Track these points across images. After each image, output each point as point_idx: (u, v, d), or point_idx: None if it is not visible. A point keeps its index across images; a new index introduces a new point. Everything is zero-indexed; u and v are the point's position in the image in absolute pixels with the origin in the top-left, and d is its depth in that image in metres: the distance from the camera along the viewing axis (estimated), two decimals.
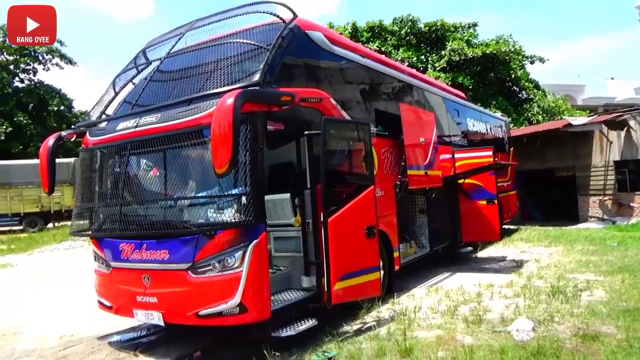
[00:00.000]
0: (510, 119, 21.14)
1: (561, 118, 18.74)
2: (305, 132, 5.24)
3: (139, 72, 6.22)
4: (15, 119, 27.50)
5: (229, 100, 4.10)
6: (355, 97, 6.75)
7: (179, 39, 5.88)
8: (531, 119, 22.44)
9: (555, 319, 5.33)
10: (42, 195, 21.58)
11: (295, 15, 5.42)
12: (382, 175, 6.92)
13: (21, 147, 27.12)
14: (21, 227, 22.24)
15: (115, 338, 5.79)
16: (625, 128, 14.67)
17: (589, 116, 16.69)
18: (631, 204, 14.68)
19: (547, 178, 18.53)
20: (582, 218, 15.82)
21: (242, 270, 4.37)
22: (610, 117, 14.58)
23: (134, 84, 6.17)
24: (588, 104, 36.65)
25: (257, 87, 4.60)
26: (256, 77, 4.65)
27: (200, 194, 4.73)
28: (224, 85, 4.67)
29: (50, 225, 22.73)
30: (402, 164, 7.22)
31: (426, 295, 6.90)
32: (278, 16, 5.31)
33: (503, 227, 13.74)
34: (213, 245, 4.46)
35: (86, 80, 78.67)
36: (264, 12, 5.35)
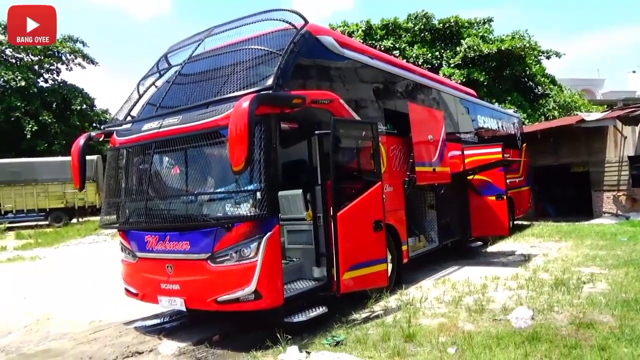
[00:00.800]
0: (525, 115, 21.18)
1: (576, 114, 18.68)
2: (316, 132, 5.58)
3: (161, 76, 6.63)
4: (40, 117, 28.45)
5: (245, 103, 4.47)
6: (365, 97, 7.07)
7: (199, 44, 6.26)
8: (547, 115, 22.38)
9: (554, 308, 5.59)
10: (66, 192, 22.44)
11: (306, 22, 5.77)
12: (391, 171, 7.24)
13: (46, 144, 28.05)
14: (47, 222, 23.13)
15: (141, 323, 6.24)
16: None
17: (603, 112, 16.63)
18: None
19: (562, 174, 18.54)
20: (596, 214, 15.84)
21: (257, 260, 4.75)
22: (624, 113, 14.54)
23: (156, 87, 6.59)
24: (608, 98, 36.22)
25: (271, 91, 4.96)
26: (270, 81, 5.00)
27: (218, 190, 5.13)
28: (240, 89, 5.03)
29: (74, 220, 23.57)
30: (411, 161, 7.51)
31: (433, 286, 7.20)
32: (290, 23, 5.65)
33: (515, 222, 14.03)
34: (230, 237, 4.85)
35: (105, 79, 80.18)
36: (277, 20, 5.71)
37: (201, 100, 5.34)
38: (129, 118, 6.31)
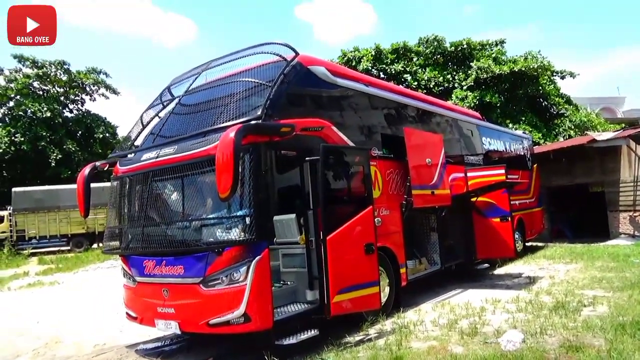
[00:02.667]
0: (540, 135, 21.07)
1: (587, 134, 18.51)
2: (307, 158, 5.79)
3: (164, 107, 6.99)
4: (64, 146, 29.59)
5: (231, 133, 4.73)
6: (360, 123, 7.27)
7: (196, 77, 6.62)
8: (563, 135, 22.20)
9: (548, 331, 5.56)
10: (88, 218, 23.09)
11: (297, 54, 6.06)
12: (388, 195, 7.37)
13: (70, 172, 29.04)
14: (68, 248, 23.79)
15: (142, 347, 6.44)
16: None
17: (614, 131, 16.46)
18: None
19: (579, 194, 18.30)
20: (612, 234, 15.53)
21: (246, 284, 4.93)
22: (635, 132, 14.38)
23: (159, 117, 6.94)
24: (629, 116, 35.67)
25: (260, 121, 5.21)
26: (258, 112, 5.27)
27: (210, 216, 5.36)
28: (232, 120, 5.31)
29: (95, 245, 24.18)
30: (408, 184, 7.63)
31: (432, 310, 7.22)
32: (280, 55, 5.95)
33: (529, 244, 13.89)
34: (221, 261, 5.05)
35: (136, 105, 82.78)
36: (268, 53, 6.02)
37: (196, 130, 5.63)
38: (132, 148, 6.65)
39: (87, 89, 33.05)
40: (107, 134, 32.78)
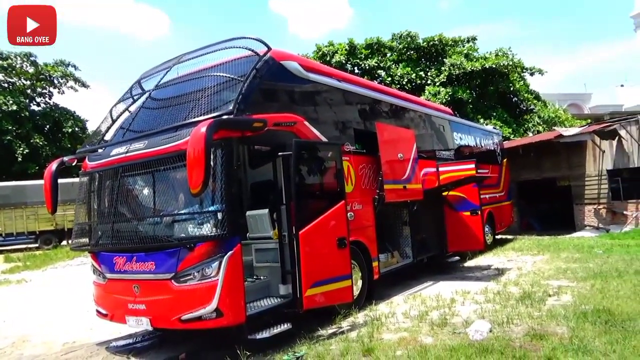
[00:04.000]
0: (510, 130, 21.54)
1: (554, 129, 19.05)
2: (279, 154, 5.80)
3: (134, 101, 6.88)
4: (31, 140, 28.70)
5: (202, 128, 4.70)
6: (332, 118, 7.32)
7: (168, 71, 6.54)
8: (532, 130, 22.75)
9: (514, 321, 5.75)
10: (56, 214, 22.53)
11: (269, 49, 6.05)
12: (360, 190, 7.45)
13: (37, 167, 28.23)
14: (37, 245, 23.16)
15: (113, 344, 6.36)
16: (617, 137, 14.98)
17: (580, 127, 17.00)
18: (624, 212, 14.93)
19: (548, 188, 18.84)
20: (578, 227, 16.08)
21: (218, 279, 4.92)
22: (600, 127, 14.90)
23: (129, 112, 6.83)
24: (595, 112, 36.81)
25: (231, 115, 5.20)
26: (230, 106, 5.25)
27: (181, 211, 5.32)
28: (203, 114, 5.27)
29: (64, 242, 23.61)
30: (380, 179, 7.73)
31: (404, 302, 7.35)
32: (252, 50, 5.93)
33: (499, 237, 14.24)
34: (193, 257, 5.03)
35: (108, 99, 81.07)
36: (240, 47, 5.99)
37: (167, 125, 5.58)
38: (102, 142, 6.53)
39: (55, 81, 32.10)
40: (77, 128, 31.95)
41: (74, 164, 6.56)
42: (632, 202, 14.86)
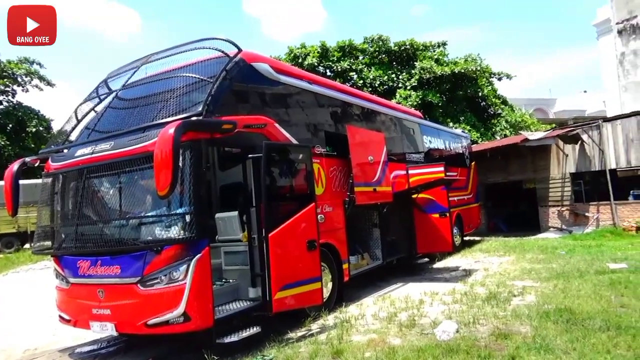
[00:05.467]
0: (479, 134, 21.99)
1: (520, 133, 19.55)
2: (249, 156, 5.77)
3: (100, 101, 6.72)
4: None
5: (170, 130, 4.62)
6: (303, 120, 7.32)
7: (135, 71, 6.41)
8: (499, 134, 23.27)
9: (480, 321, 5.87)
10: (18, 216, 21.76)
11: (239, 50, 6.01)
12: (331, 192, 7.48)
13: None
14: None
15: (77, 350, 6.20)
16: (579, 142, 15.49)
17: (545, 131, 17.52)
18: (586, 214, 15.43)
19: (514, 190, 19.32)
20: (542, 228, 16.53)
21: (185, 283, 4.85)
22: (563, 132, 15.38)
23: (95, 112, 6.66)
24: (560, 117, 37.93)
25: (200, 117, 5.14)
26: (199, 108, 5.19)
27: (148, 214, 5.23)
28: (172, 115, 5.20)
29: (27, 245, 22.80)
30: (351, 181, 7.77)
31: (373, 304, 7.40)
32: (222, 51, 5.88)
33: (467, 238, 14.51)
34: (160, 260, 4.94)
35: (75, 99, 78.85)
36: (210, 48, 5.92)
37: (135, 126, 5.47)
38: (66, 143, 6.35)
39: (19, 79, 31.00)
40: (41, 128, 30.87)
41: (36, 165, 6.35)
42: (593, 204, 15.37)
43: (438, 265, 11.11)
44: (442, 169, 10.07)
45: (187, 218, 4.90)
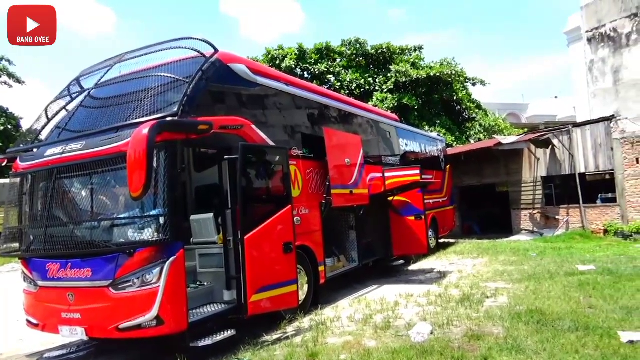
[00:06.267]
0: (453, 138, 22.30)
1: (493, 137, 19.94)
2: (225, 157, 5.72)
3: (72, 100, 6.57)
4: None
5: (144, 130, 4.56)
6: (280, 122, 7.30)
7: (109, 69, 6.29)
8: (473, 137, 23.67)
9: (454, 322, 5.95)
10: None
11: (216, 50, 5.97)
12: (307, 194, 7.48)
13: None
14: None
15: (46, 355, 6.02)
16: (550, 146, 15.89)
17: (517, 135, 17.92)
18: (557, 217, 15.83)
19: (488, 193, 19.66)
20: (515, 231, 16.88)
21: (159, 286, 4.78)
22: (535, 136, 15.77)
23: (66, 110, 6.50)
24: (532, 122, 38.83)
25: (176, 117, 5.08)
26: (174, 108, 5.13)
27: (121, 215, 5.13)
28: (146, 115, 5.12)
29: None
30: (327, 183, 7.78)
31: (349, 306, 7.42)
32: (199, 51, 5.82)
33: (441, 240, 14.70)
34: (133, 263, 4.86)
35: (47, 97, 76.83)
36: (186, 48, 5.86)
37: (108, 125, 5.38)
38: (36, 142, 6.18)
39: None
40: (9, 126, 29.98)
41: (4, 165, 6.17)
42: (563, 207, 15.77)
43: (413, 267, 11.22)
44: (417, 171, 10.20)
45: (161, 220, 4.85)
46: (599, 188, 15.38)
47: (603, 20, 19.11)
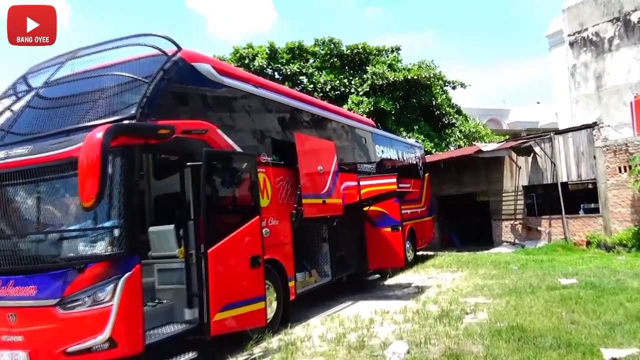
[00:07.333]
0: (432, 145, 22.64)
1: (474, 144, 20.34)
2: (188, 164, 5.66)
3: (18, 99, 6.38)
4: None
5: (98, 134, 4.48)
6: (248, 126, 7.27)
7: (60, 67, 6.16)
8: (453, 144, 24.07)
9: (432, 340, 6.01)
10: None
11: (179, 48, 5.93)
12: (277, 204, 7.46)
13: None
14: None
15: None
16: (532, 154, 16.31)
17: (498, 142, 18.34)
18: (539, 228, 16.22)
19: (468, 203, 19.99)
20: (496, 242, 17.22)
21: (112, 304, 4.66)
22: (516, 144, 16.18)
23: (11, 111, 6.32)
24: (513, 128, 39.80)
25: (134, 120, 5.01)
26: (132, 110, 5.06)
27: (71, 227, 5.01)
28: (101, 118, 5.05)
29: None
30: (298, 192, 7.78)
31: (321, 324, 7.41)
32: (160, 49, 5.77)
33: (420, 253, 14.86)
34: (83, 280, 4.74)
35: None
36: (146, 45, 5.80)
37: (57, 128, 5.27)
38: None
39: None
40: None
41: None
42: (545, 218, 16.17)
43: (390, 281, 11.30)
44: (394, 180, 10.32)
45: (116, 232, 4.77)
46: (582, 198, 15.82)
47: (585, 24, 19.83)
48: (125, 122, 4.95)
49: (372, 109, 21.61)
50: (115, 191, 4.73)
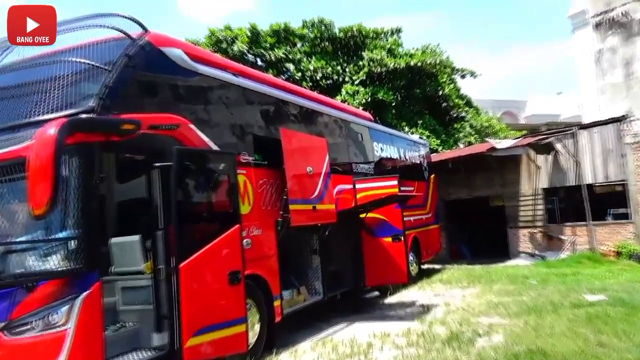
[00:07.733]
0: (439, 141, 22.73)
1: (486, 140, 20.43)
2: (156, 164, 5.64)
3: None
4: None
5: (51, 130, 4.46)
6: (226, 121, 7.26)
7: (5, 52, 6.14)
8: (462, 141, 24.19)
9: None
10: None
11: (145, 31, 5.92)
12: (260, 211, 7.45)
13: None
14: None
15: None
16: (553, 152, 16.42)
17: (514, 138, 18.45)
18: (561, 237, 16.33)
19: (480, 208, 20.07)
20: (512, 254, 17.31)
21: (68, 328, 4.65)
22: (535, 140, 16.28)
23: None
24: (531, 122, 40.14)
25: (93, 114, 4.99)
26: (91, 102, 5.05)
27: (19, 239, 4.98)
28: (55, 112, 5.03)
29: None
30: (285, 197, 7.78)
31: (311, 349, 7.40)
32: (124, 32, 5.75)
33: (425, 266, 14.91)
34: (33, 300, 4.72)
35: None
36: (108, 27, 5.78)
37: (2, 124, 5.28)
38: None
39: None
40: None
41: None
42: (568, 226, 16.29)
43: (391, 299, 11.32)
44: (395, 182, 10.35)
45: (72, 244, 4.76)
46: (610, 202, 15.93)
47: (612, 3, 20.01)
48: (83, 116, 4.95)
49: (369, 100, 21.67)
50: (71, 196, 4.71)
